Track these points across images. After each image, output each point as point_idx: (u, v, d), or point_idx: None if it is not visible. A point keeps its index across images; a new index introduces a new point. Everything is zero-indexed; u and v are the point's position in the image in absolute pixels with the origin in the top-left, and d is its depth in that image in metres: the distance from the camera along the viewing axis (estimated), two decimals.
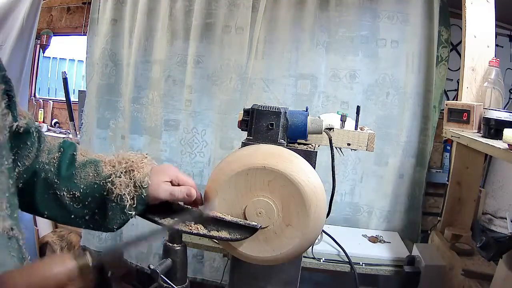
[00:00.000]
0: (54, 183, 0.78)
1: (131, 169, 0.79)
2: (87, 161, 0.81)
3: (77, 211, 0.78)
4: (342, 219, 2.12)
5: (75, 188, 0.78)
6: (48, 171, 0.78)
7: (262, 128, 1.00)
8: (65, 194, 0.77)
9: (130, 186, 0.78)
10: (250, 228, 0.84)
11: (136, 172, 0.79)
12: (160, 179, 0.80)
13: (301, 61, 2.11)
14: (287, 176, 0.84)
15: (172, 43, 2.24)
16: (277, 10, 2.11)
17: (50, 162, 0.79)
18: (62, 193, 0.77)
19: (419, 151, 2.08)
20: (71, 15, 3.28)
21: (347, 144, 1.19)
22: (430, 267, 1.48)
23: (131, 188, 0.78)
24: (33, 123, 0.78)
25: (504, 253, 1.09)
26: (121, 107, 2.35)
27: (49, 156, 0.80)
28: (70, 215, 0.79)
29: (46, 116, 3.40)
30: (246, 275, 1.10)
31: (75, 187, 0.78)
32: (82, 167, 0.80)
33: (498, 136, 1.22)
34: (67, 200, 0.78)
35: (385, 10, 2.03)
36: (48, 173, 0.78)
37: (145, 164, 0.81)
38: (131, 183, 0.78)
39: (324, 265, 1.66)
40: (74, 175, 0.79)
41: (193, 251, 2.23)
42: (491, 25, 1.63)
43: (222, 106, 2.19)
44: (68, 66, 4.13)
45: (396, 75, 2.04)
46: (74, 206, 0.78)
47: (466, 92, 1.62)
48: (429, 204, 2.29)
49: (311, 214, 0.85)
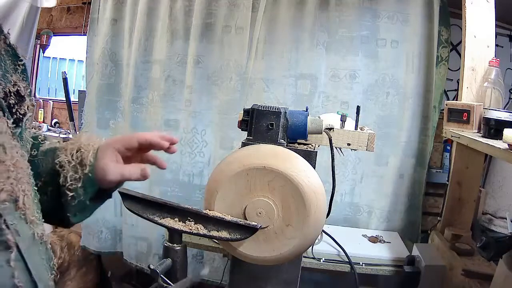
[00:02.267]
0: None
1: (79, 149, 0.74)
2: (48, 149, 0.77)
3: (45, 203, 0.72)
4: (342, 219, 2.12)
5: (38, 178, 0.73)
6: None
7: (262, 128, 1.00)
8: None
9: (76, 167, 0.72)
10: (250, 228, 0.84)
11: (83, 150, 0.74)
12: (107, 158, 0.74)
13: (301, 61, 2.11)
14: (287, 176, 0.84)
15: (172, 43, 2.24)
16: (277, 10, 2.11)
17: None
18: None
19: (419, 151, 2.08)
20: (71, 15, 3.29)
21: (347, 144, 1.19)
22: (430, 267, 1.48)
23: (78, 169, 0.72)
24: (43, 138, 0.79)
25: (504, 253, 1.09)
26: (121, 107, 2.35)
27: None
28: (44, 211, 0.75)
29: (46, 116, 3.40)
30: (246, 275, 1.10)
31: (38, 177, 0.73)
32: (43, 155, 0.76)
33: (498, 136, 1.22)
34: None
35: (385, 10, 2.03)
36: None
37: (93, 143, 0.76)
38: (77, 162, 0.73)
39: (324, 265, 1.66)
40: (37, 165, 0.74)
41: (193, 251, 2.23)
42: (491, 25, 1.63)
43: (222, 106, 2.19)
44: (68, 66, 4.13)
45: (396, 75, 2.04)
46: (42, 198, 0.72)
47: (466, 92, 1.62)
48: (429, 204, 2.29)
49: (311, 214, 0.85)
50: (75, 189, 0.72)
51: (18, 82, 0.64)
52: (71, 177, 0.72)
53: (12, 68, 0.64)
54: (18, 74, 0.65)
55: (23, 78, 0.67)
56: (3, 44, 0.64)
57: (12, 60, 0.65)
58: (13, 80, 0.63)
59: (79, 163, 0.73)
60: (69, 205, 0.73)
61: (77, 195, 0.72)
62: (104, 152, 0.75)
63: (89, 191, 0.73)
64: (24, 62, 0.68)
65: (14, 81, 0.63)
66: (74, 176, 0.72)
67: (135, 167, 0.75)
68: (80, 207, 0.74)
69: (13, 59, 0.65)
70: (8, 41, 0.65)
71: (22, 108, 0.64)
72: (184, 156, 2.26)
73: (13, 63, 0.65)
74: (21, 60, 0.67)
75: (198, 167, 2.27)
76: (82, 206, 0.74)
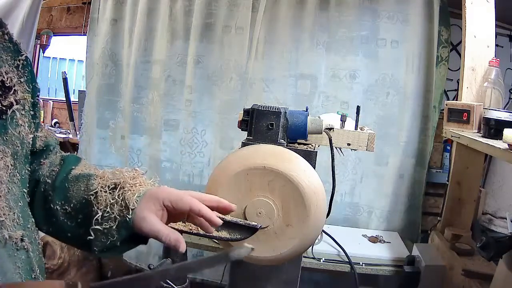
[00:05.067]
0: (49, 196, 0.71)
1: (121, 185, 0.68)
2: (81, 174, 0.72)
3: (71, 229, 0.69)
4: (342, 219, 2.12)
5: (67, 203, 0.69)
6: (47, 184, 0.72)
7: (262, 128, 1.00)
8: (58, 209, 0.69)
9: (115, 204, 0.66)
10: (250, 228, 0.84)
11: (126, 189, 0.67)
12: (151, 209, 0.67)
13: (301, 61, 2.11)
14: (287, 176, 0.84)
15: (172, 43, 2.24)
16: (277, 10, 2.11)
17: (50, 175, 0.73)
18: (56, 207, 0.69)
19: (419, 151, 2.08)
20: (71, 15, 3.28)
21: (347, 144, 1.19)
22: (430, 267, 1.48)
23: (116, 208, 0.66)
24: (54, 141, 0.77)
25: (504, 253, 1.09)
26: (121, 107, 2.35)
27: (49, 169, 0.74)
28: (66, 233, 0.70)
29: (46, 116, 3.40)
30: (246, 275, 1.10)
31: (67, 202, 0.69)
32: (75, 181, 0.71)
33: (498, 136, 1.22)
34: (61, 216, 0.69)
35: (385, 10, 2.03)
36: (46, 185, 0.72)
37: (139, 182, 0.70)
38: (117, 201, 0.66)
39: (324, 265, 1.66)
40: (67, 189, 0.70)
41: (193, 251, 2.23)
42: (491, 25, 1.63)
43: (222, 106, 2.19)
44: (68, 66, 4.12)
45: (396, 75, 2.04)
46: (68, 223, 0.69)
47: (466, 92, 1.62)
48: (429, 204, 2.29)
49: (311, 214, 0.85)
50: (109, 228, 0.66)
51: (6, 74, 0.61)
52: (106, 215, 0.66)
53: (9, 63, 0.63)
54: (11, 68, 0.63)
55: (24, 73, 0.65)
56: (0, 39, 0.62)
57: (13, 55, 0.64)
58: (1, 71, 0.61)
59: (119, 203, 0.66)
60: (97, 238, 0.66)
61: (110, 235, 0.66)
62: (149, 201, 0.67)
63: (123, 234, 0.67)
64: (26, 56, 0.66)
65: (0, 72, 0.61)
66: (110, 215, 0.66)
67: (174, 235, 0.66)
68: (109, 246, 0.67)
69: (13, 55, 0.64)
70: (8, 36, 0.63)
71: (7, 100, 0.61)
72: (184, 156, 2.26)
73: (12, 58, 0.63)
74: (22, 55, 0.65)
75: (198, 167, 2.27)
76: (111, 246, 0.67)
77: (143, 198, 0.67)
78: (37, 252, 0.66)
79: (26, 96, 0.65)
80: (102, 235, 0.66)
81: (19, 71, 0.65)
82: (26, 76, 0.66)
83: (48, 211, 0.70)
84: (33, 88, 0.67)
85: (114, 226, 0.65)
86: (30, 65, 0.68)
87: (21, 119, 0.64)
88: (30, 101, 0.67)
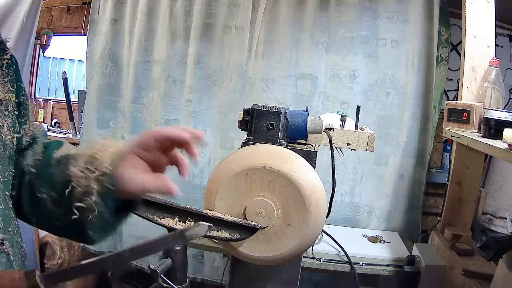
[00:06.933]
0: (35, 185, 0.66)
1: (94, 155, 0.63)
2: (62, 157, 0.67)
3: (60, 216, 0.64)
4: (342, 219, 2.12)
5: (53, 190, 0.65)
6: (31, 174, 0.67)
7: (262, 128, 1.00)
8: (45, 197, 0.65)
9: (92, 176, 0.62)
10: (250, 228, 0.84)
11: (98, 157, 0.62)
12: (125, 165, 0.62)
13: (301, 61, 2.11)
14: (287, 176, 0.84)
15: (172, 43, 2.24)
16: (277, 10, 2.11)
17: (34, 164, 0.68)
18: (43, 195, 0.65)
19: (419, 151, 2.08)
20: (71, 15, 3.28)
21: (347, 144, 1.19)
22: (430, 267, 1.48)
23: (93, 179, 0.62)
24: (40, 132, 0.73)
25: (504, 253, 1.09)
26: (121, 107, 2.35)
27: (33, 158, 0.69)
28: (56, 223, 0.66)
29: (46, 116, 3.39)
30: (246, 275, 1.10)
31: (53, 189, 0.65)
32: (57, 164, 0.66)
33: (498, 136, 1.22)
34: (49, 205, 0.65)
35: (385, 10, 2.03)
36: (31, 175, 0.67)
37: (110, 146, 0.65)
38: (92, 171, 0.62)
39: (324, 265, 1.66)
40: (50, 174, 0.66)
41: (193, 251, 2.23)
42: (491, 25, 1.63)
43: (222, 106, 2.19)
44: (68, 66, 4.12)
45: (396, 75, 2.04)
46: (56, 211, 0.65)
47: (466, 92, 1.62)
48: (429, 204, 2.29)
49: (311, 214, 0.85)
50: (89, 203, 0.61)
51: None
52: (84, 190, 0.62)
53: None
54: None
55: (8, 73, 0.64)
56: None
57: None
58: None
59: (96, 173, 0.62)
60: (86, 221, 0.62)
61: (97, 211, 0.61)
62: (123, 159, 0.63)
63: (109, 205, 0.63)
64: (11, 55, 0.65)
65: None
66: (88, 188, 0.61)
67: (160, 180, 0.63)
68: (100, 223, 0.63)
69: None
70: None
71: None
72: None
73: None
74: (7, 54, 0.64)
75: (198, 167, 2.27)
76: (102, 222, 0.63)
77: (116, 160, 0.62)
78: (19, 255, 0.65)
79: (9, 97, 0.64)
80: (89, 212, 0.61)
81: (3, 70, 0.64)
82: (10, 76, 0.65)
83: (36, 201, 0.66)
84: (17, 88, 0.66)
85: (98, 200, 0.61)
86: (16, 64, 0.67)
87: (4, 120, 0.63)
88: (15, 101, 0.66)
